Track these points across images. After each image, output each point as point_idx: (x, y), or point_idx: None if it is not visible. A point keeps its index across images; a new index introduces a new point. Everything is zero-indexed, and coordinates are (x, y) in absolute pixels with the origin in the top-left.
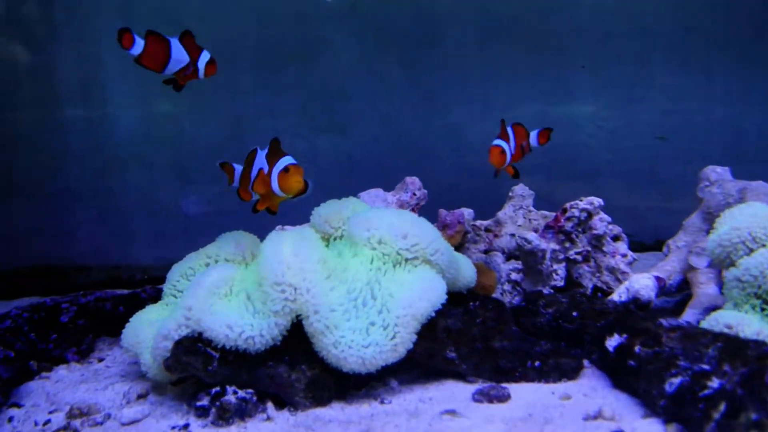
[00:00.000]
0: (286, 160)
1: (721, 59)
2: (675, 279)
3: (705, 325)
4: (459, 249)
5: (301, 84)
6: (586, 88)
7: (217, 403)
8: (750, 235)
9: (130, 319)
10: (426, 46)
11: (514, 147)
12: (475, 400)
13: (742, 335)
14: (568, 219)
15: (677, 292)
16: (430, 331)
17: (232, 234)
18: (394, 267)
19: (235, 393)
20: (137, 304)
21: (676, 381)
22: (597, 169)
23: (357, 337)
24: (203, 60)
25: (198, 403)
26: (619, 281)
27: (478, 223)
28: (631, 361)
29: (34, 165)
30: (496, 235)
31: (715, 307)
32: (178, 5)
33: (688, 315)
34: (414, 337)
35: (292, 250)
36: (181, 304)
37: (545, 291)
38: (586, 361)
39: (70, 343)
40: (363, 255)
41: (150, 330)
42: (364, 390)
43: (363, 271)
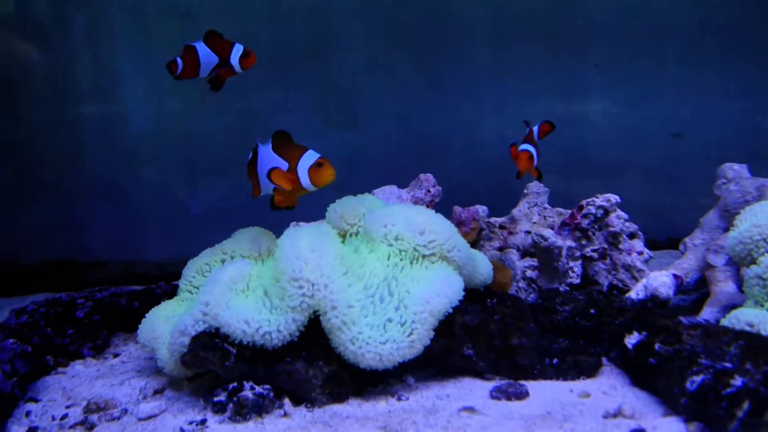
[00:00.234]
0: (313, 154)
1: (736, 56)
2: (692, 277)
3: (725, 323)
4: (474, 246)
5: (314, 80)
6: (599, 85)
7: (234, 398)
8: None
9: (146, 315)
10: (439, 42)
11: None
12: (493, 398)
13: (764, 333)
14: (585, 216)
15: (694, 290)
16: (447, 327)
17: (248, 230)
18: (411, 263)
19: (252, 389)
20: (152, 299)
21: (697, 379)
22: (610, 166)
23: (374, 334)
24: (236, 55)
25: (215, 399)
26: (636, 279)
27: (493, 220)
28: (651, 359)
29: (49, 162)
30: (510, 233)
31: (734, 305)
32: (191, 2)
33: (706, 313)
34: (431, 333)
35: (309, 245)
36: (198, 300)
37: (561, 288)
38: (604, 359)
39: (85, 338)
40: (380, 251)
41: (166, 325)
42: (380, 387)
43: (380, 268)
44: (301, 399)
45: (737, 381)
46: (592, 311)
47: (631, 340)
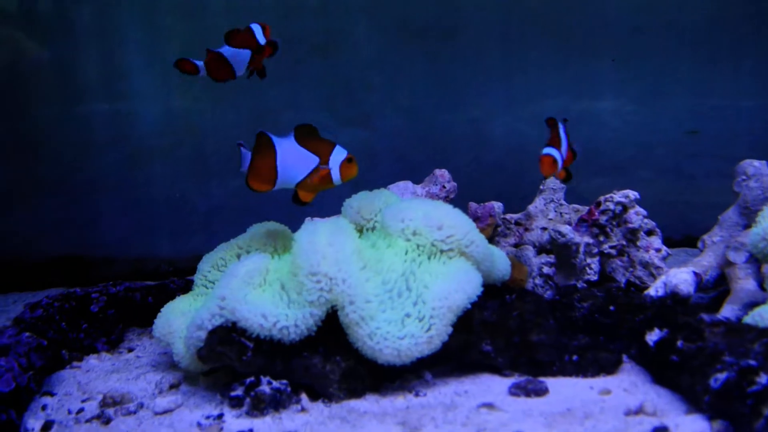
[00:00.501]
0: (342, 150)
1: (749, 52)
2: (711, 274)
3: (748, 320)
4: (489, 243)
5: (324, 76)
6: (611, 82)
7: (251, 393)
8: None
9: (162, 309)
10: (450, 37)
11: (566, 151)
12: (512, 394)
13: None
14: (603, 212)
15: (713, 288)
16: (465, 323)
17: (263, 225)
18: (429, 258)
19: (269, 383)
20: (166, 294)
21: (721, 377)
22: (623, 164)
23: (392, 329)
24: (260, 35)
25: (232, 393)
26: (653, 276)
27: (509, 216)
28: (674, 356)
29: (59, 158)
30: (526, 229)
31: (754, 303)
32: None
33: (727, 311)
34: (449, 329)
35: (327, 240)
36: (214, 294)
37: (579, 285)
38: (624, 356)
39: (100, 332)
40: (397, 246)
41: (182, 320)
42: (398, 382)
43: (398, 262)
44: (318, 394)
45: (762, 378)
46: (612, 308)
47: (652, 337)
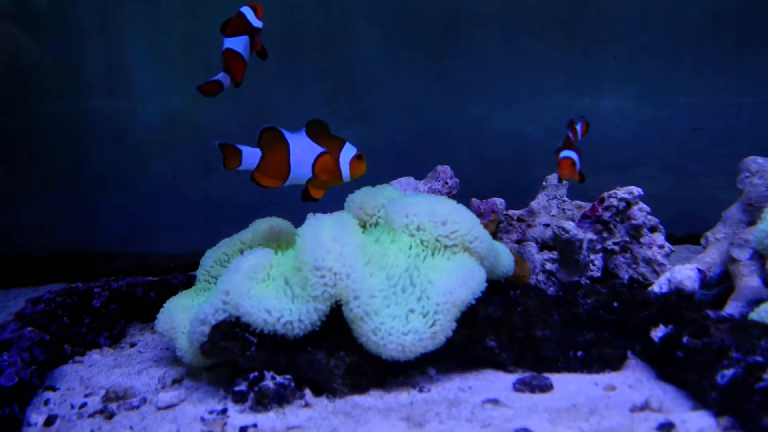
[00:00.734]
0: (351, 147)
1: (752, 49)
2: (715, 271)
3: (754, 317)
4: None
5: (326, 72)
6: (614, 79)
7: (255, 388)
8: None
9: (164, 305)
10: (451, 34)
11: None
12: (517, 390)
13: None
14: (607, 208)
15: (717, 285)
16: (469, 319)
17: (266, 220)
18: (433, 254)
19: (273, 379)
20: (168, 290)
21: (728, 373)
22: (626, 161)
23: (396, 324)
24: (252, 17)
25: (236, 389)
26: (656, 273)
27: (511, 212)
28: (679, 353)
29: (61, 155)
30: (529, 225)
31: (759, 300)
32: None
33: (731, 307)
34: (454, 324)
35: (331, 235)
36: (218, 289)
37: (582, 281)
38: (629, 352)
39: (102, 327)
40: (401, 241)
41: (185, 315)
42: (402, 378)
43: (402, 258)
44: (322, 389)
45: None
46: (616, 304)
47: (657, 333)
